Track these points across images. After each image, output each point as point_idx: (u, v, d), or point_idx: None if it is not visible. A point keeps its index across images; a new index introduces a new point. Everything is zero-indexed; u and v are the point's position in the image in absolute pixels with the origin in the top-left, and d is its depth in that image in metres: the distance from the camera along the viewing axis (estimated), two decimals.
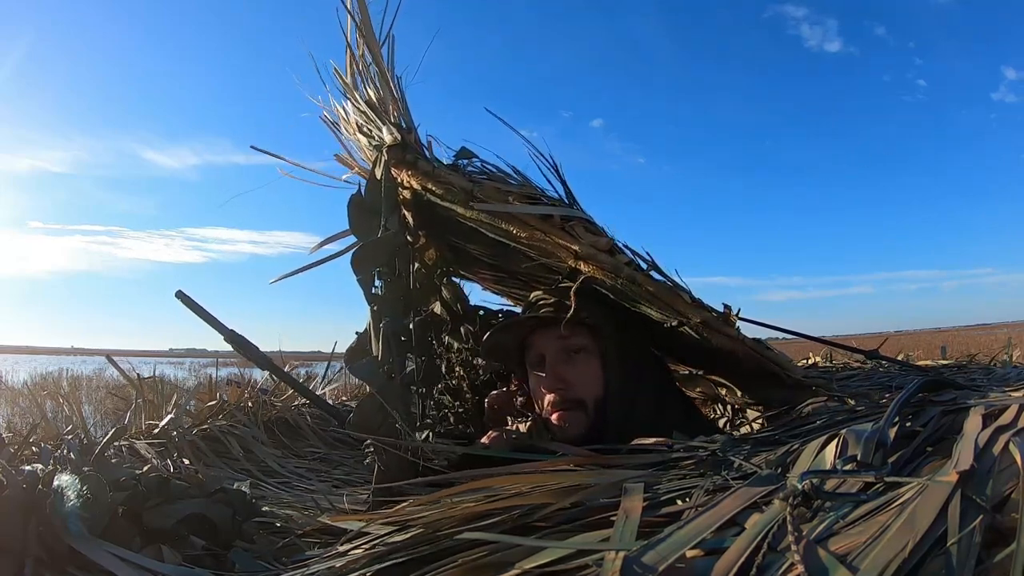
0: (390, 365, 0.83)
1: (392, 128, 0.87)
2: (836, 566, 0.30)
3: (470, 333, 1.31)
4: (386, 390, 0.79)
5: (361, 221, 0.88)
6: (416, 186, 0.87)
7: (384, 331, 0.84)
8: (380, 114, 0.92)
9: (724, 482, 0.44)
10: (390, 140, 0.86)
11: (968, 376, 0.95)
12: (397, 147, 0.86)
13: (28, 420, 2.61)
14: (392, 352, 0.84)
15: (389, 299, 0.87)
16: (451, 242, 1.11)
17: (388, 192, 0.88)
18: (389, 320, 0.85)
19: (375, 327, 0.85)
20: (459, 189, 0.82)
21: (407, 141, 0.86)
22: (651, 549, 0.33)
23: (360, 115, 0.98)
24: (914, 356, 2.01)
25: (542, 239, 0.80)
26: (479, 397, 1.29)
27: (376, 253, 0.86)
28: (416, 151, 0.87)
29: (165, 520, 0.59)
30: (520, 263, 0.89)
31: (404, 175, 0.88)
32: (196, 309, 0.98)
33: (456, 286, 1.34)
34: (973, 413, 0.46)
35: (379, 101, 0.95)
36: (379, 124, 0.91)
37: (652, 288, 0.78)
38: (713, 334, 0.80)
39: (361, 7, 0.94)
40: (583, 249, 0.77)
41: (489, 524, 0.41)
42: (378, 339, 0.84)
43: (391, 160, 0.86)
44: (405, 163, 0.86)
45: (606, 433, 0.85)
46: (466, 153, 0.91)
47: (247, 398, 1.83)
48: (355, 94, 0.99)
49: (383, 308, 0.86)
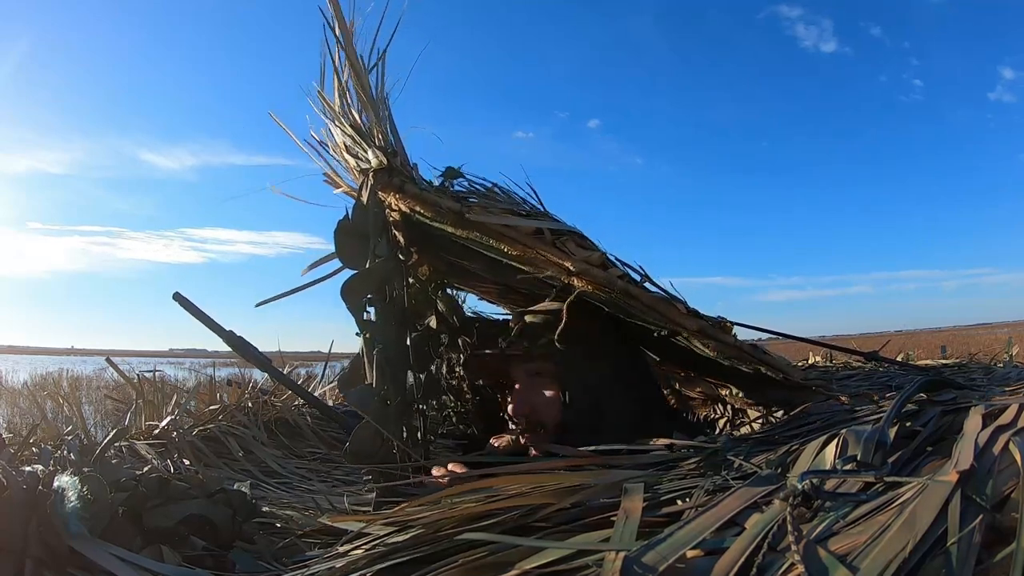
0: (384, 391, 0.83)
1: (378, 152, 0.86)
2: (836, 566, 0.30)
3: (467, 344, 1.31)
4: (381, 417, 0.79)
5: (349, 247, 0.86)
6: (404, 208, 0.87)
7: (378, 358, 0.83)
8: (365, 137, 0.91)
9: (724, 482, 0.44)
10: (375, 164, 0.85)
11: (968, 376, 0.95)
12: (383, 171, 0.85)
13: (28, 420, 2.61)
14: (386, 378, 0.84)
15: (381, 326, 0.87)
16: (444, 258, 1.11)
17: (375, 216, 0.86)
18: (382, 347, 0.85)
19: (368, 354, 0.84)
20: (448, 211, 0.81)
21: (392, 165, 0.85)
22: (651, 549, 0.33)
23: (347, 137, 0.97)
24: (914, 356, 2.01)
25: (534, 256, 0.79)
26: (479, 397, 1.29)
27: (366, 282, 0.85)
28: (403, 174, 0.86)
29: (165, 521, 0.59)
30: (515, 276, 0.89)
31: (392, 198, 0.87)
32: (194, 311, 0.98)
33: (452, 298, 1.34)
34: (973, 413, 0.46)
35: (365, 124, 0.94)
36: (365, 147, 0.90)
37: (647, 300, 0.78)
38: (709, 342, 0.80)
39: (345, 33, 0.92)
40: (576, 265, 0.77)
41: (489, 524, 0.41)
42: (371, 366, 0.83)
43: (377, 184, 0.85)
44: (392, 187, 0.85)
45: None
46: (453, 173, 0.91)
47: (247, 398, 1.83)
48: (341, 118, 0.98)
49: (375, 335, 0.85)
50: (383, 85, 0.98)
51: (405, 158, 0.92)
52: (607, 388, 0.90)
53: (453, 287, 1.31)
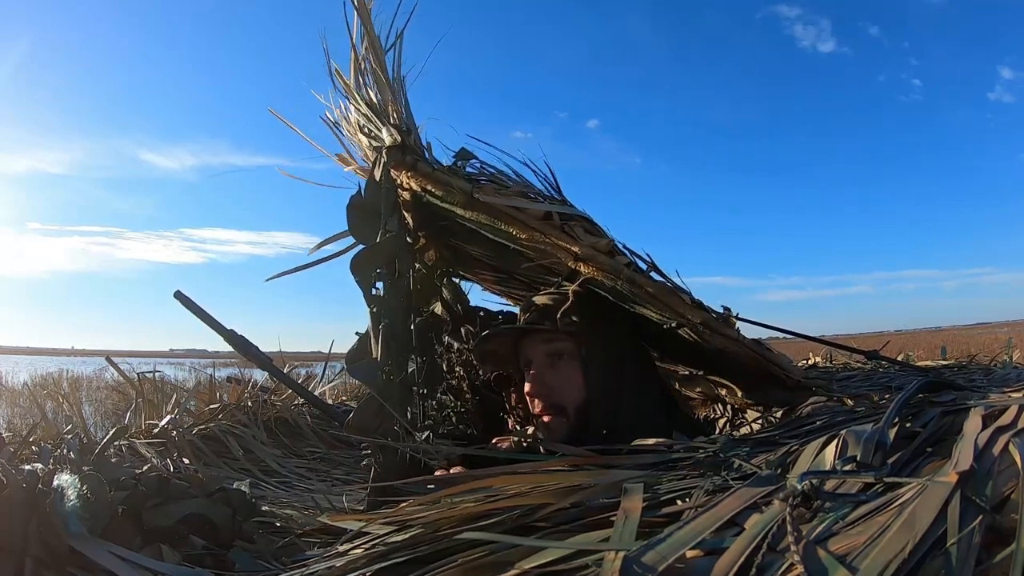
0: (390, 367, 0.83)
1: (392, 130, 0.87)
2: (835, 566, 0.30)
3: (470, 333, 1.31)
4: (385, 392, 0.79)
5: (360, 223, 0.88)
6: (415, 187, 0.87)
7: (384, 333, 0.84)
8: (380, 116, 0.92)
9: (724, 482, 0.44)
10: (389, 141, 0.86)
11: (968, 377, 0.95)
12: (396, 149, 0.86)
13: (28, 420, 2.61)
14: (392, 354, 0.84)
15: (389, 301, 0.87)
16: (451, 243, 1.11)
17: (387, 193, 0.88)
18: (389, 322, 0.85)
19: (375, 329, 0.85)
20: (458, 190, 0.82)
21: (407, 143, 0.86)
22: (650, 549, 0.33)
23: (361, 116, 0.98)
24: (914, 356, 2.01)
25: (542, 240, 0.79)
26: (479, 397, 1.28)
27: (376, 256, 0.86)
28: (416, 153, 0.87)
29: (165, 520, 0.59)
30: (519, 264, 0.89)
31: (404, 176, 0.88)
32: (195, 309, 0.98)
33: (456, 286, 1.34)
34: (973, 414, 0.46)
35: (380, 103, 0.95)
36: (379, 125, 0.91)
37: (652, 289, 0.78)
38: (713, 335, 0.80)
39: (363, 8, 0.93)
40: (583, 251, 0.77)
41: (489, 524, 0.41)
42: (378, 341, 0.84)
43: (390, 161, 0.86)
44: (404, 164, 0.85)
45: (587, 437, 0.85)
46: (466, 154, 0.91)
47: (247, 398, 1.83)
48: (356, 95, 0.99)
49: (383, 310, 0.86)
50: (399, 66, 0.99)
51: (418, 138, 0.92)
52: (624, 378, 0.89)
53: (458, 275, 1.32)
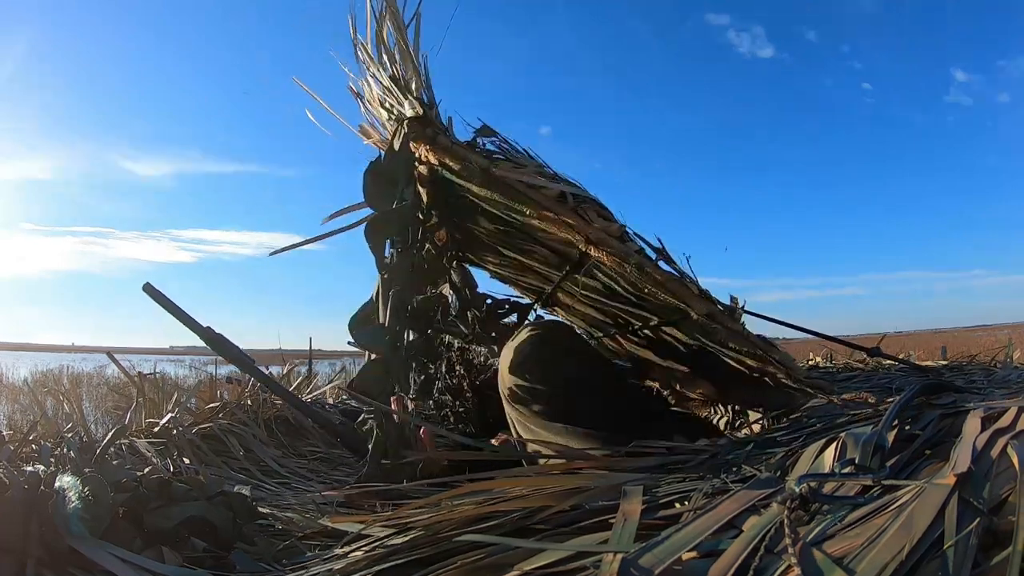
0: (395, 334, 0.85)
1: (414, 102, 0.87)
2: (832, 568, 0.30)
3: (476, 319, 1.31)
4: (390, 358, 0.80)
5: (376, 190, 0.90)
6: (433, 161, 0.88)
7: (392, 299, 0.85)
8: (403, 88, 0.93)
9: (723, 485, 0.44)
10: (411, 113, 0.87)
11: (968, 378, 0.95)
12: (418, 120, 0.86)
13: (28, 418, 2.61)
14: (400, 320, 0.85)
15: (401, 268, 0.88)
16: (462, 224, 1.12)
17: (406, 164, 0.89)
18: (398, 290, 0.86)
19: (384, 295, 0.86)
20: (476, 165, 0.82)
21: (428, 116, 0.86)
22: (649, 551, 0.33)
23: (383, 89, 0.99)
24: (915, 356, 2.01)
25: (554, 220, 0.79)
26: (479, 397, 1.29)
27: (389, 224, 0.87)
28: (436, 126, 0.87)
29: (166, 522, 0.59)
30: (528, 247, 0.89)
31: (423, 149, 0.88)
32: (165, 304, 0.93)
33: (466, 271, 1.35)
34: (972, 416, 0.46)
35: (402, 76, 0.96)
36: (401, 98, 0.92)
37: (659, 276, 0.77)
38: (718, 327, 0.79)
39: None
40: (594, 234, 0.77)
41: (489, 526, 0.41)
42: (386, 307, 0.85)
43: (411, 133, 0.87)
44: (424, 137, 0.86)
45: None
46: (487, 131, 0.91)
47: (247, 396, 1.83)
48: (379, 68, 1.00)
49: (394, 276, 0.87)
50: (419, 40, 1.00)
51: (438, 113, 0.93)
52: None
53: (467, 260, 1.32)
